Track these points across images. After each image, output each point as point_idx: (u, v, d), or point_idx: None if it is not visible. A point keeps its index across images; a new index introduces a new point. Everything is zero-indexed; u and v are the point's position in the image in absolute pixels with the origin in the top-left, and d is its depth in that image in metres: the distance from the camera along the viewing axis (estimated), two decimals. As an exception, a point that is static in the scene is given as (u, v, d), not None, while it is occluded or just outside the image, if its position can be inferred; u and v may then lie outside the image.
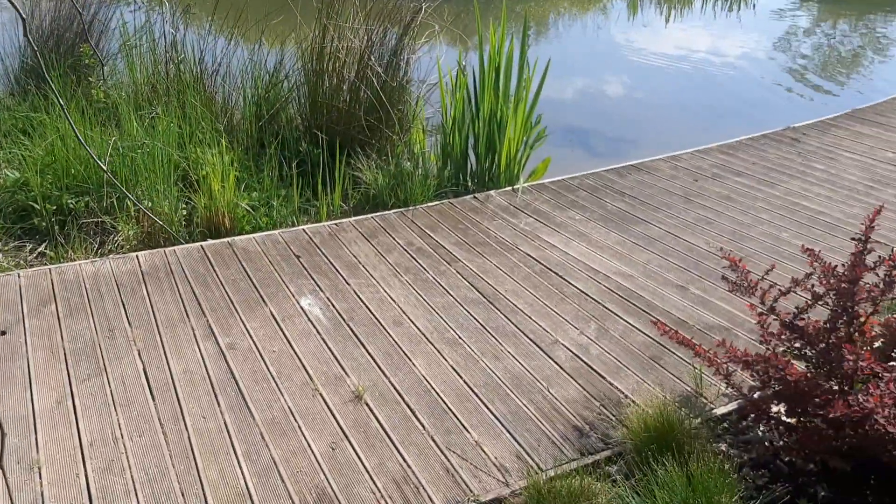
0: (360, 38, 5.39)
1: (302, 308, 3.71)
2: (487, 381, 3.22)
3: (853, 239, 2.85)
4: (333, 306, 3.74)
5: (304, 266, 4.11)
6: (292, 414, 2.98)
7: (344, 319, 3.63)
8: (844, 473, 2.67)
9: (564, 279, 4.04)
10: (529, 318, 3.68)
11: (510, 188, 5.25)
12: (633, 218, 4.80)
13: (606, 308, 3.77)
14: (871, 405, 2.41)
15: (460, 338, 3.51)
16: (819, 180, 5.44)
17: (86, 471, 2.66)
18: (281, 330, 3.52)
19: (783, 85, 9.69)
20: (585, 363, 3.34)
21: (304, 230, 4.52)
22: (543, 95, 5.35)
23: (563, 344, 3.48)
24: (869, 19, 14.40)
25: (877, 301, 2.72)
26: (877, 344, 2.91)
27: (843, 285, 2.79)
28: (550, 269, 4.14)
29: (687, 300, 3.85)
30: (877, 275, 2.74)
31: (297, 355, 3.34)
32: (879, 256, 2.76)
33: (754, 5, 15.66)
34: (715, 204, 5.02)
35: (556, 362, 3.34)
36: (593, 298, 3.86)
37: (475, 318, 3.67)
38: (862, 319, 2.78)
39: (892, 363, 2.70)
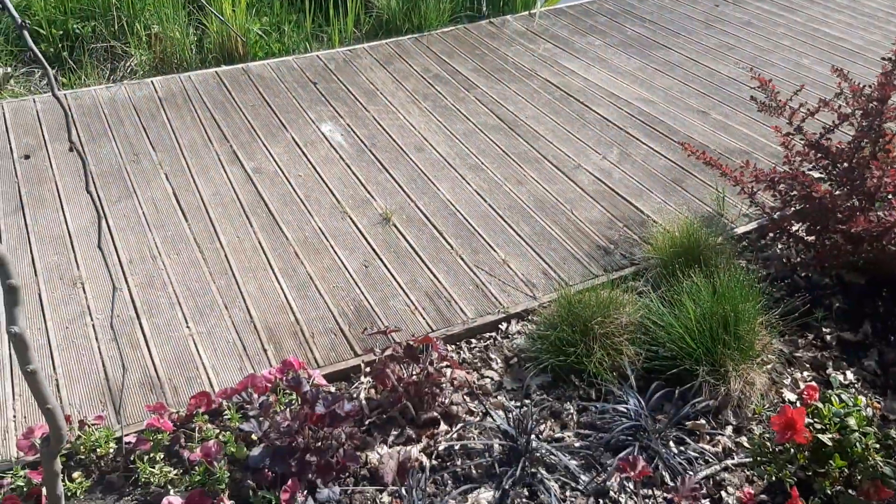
0: None
1: (323, 134, 3.70)
2: (511, 203, 3.27)
3: (883, 58, 2.81)
4: (354, 132, 3.73)
5: (321, 93, 4.06)
6: (323, 234, 3.05)
7: (366, 146, 3.64)
8: (859, 287, 2.79)
9: (585, 105, 4.01)
10: (551, 143, 3.69)
11: (527, 13, 5.09)
12: (654, 44, 4.69)
13: (628, 133, 3.77)
14: (893, 219, 2.48)
15: (482, 163, 3.53)
16: (840, 6, 5.27)
17: (128, 285, 2.76)
18: (304, 155, 3.53)
19: None
20: (608, 186, 3.38)
21: (318, 56, 4.43)
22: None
23: (585, 168, 3.51)
24: None
25: (905, 119, 2.72)
26: (898, 165, 2.95)
27: (871, 104, 2.79)
28: (571, 96, 4.10)
29: (708, 125, 3.85)
30: (908, 94, 2.73)
31: (323, 179, 3.37)
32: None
33: None
34: (736, 30, 4.89)
35: (578, 186, 3.39)
36: (615, 124, 3.85)
37: (497, 145, 3.67)
38: (887, 138, 2.80)
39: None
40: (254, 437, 2.12)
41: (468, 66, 4.39)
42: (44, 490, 1.88)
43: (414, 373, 2.30)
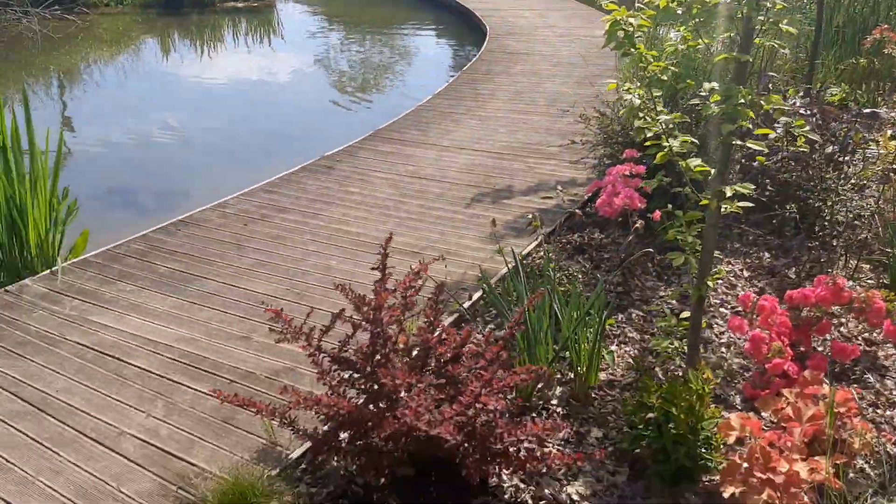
0: None
1: None
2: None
3: (372, 268, 3.14)
4: None
5: None
6: None
7: None
8: (410, 480, 2.96)
9: (122, 360, 3.81)
10: (88, 415, 3.40)
11: (48, 271, 4.79)
12: (188, 276, 4.72)
13: (172, 381, 3.65)
14: (410, 418, 2.69)
15: (9, 461, 3.11)
16: (356, 203, 5.91)
17: None
18: None
19: (325, 107, 10.41)
20: (157, 447, 3.19)
21: None
22: (81, 156, 4.98)
23: (129, 433, 3.28)
24: (387, 33, 16.11)
25: (400, 321, 3.04)
26: (415, 352, 3.27)
27: (371, 313, 3.08)
28: (105, 354, 3.87)
29: (252, 350, 3.90)
30: (395, 297, 3.07)
31: None
32: (396, 280, 3.09)
33: (282, 34, 16.49)
34: (266, 245, 5.16)
35: (124, 456, 3.14)
36: (156, 374, 3.70)
37: (24, 434, 3.28)
38: (394, 339, 3.09)
39: (425, 371, 3.06)
40: None
41: (-18, 347, 3.93)
42: None
43: None
